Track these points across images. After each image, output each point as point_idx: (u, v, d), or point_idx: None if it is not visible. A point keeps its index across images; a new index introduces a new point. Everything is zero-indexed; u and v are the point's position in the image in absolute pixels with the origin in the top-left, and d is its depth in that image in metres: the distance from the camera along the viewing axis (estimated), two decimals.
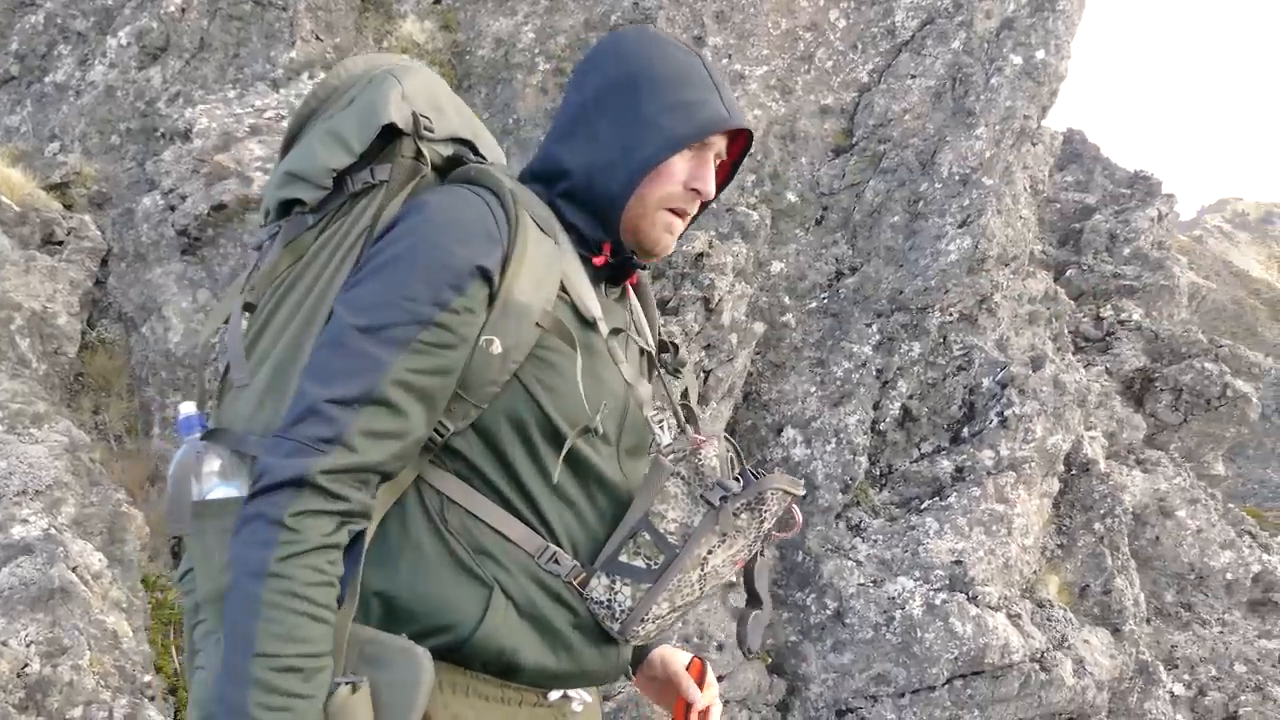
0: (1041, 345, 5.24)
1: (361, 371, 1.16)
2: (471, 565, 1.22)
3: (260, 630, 1.09)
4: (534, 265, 1.24)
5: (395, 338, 1.17)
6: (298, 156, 1.34)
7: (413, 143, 1.31)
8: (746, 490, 1.26)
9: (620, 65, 1.35)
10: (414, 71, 1.38)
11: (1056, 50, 4.97)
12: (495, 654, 1.22)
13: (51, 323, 3.92)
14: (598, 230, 1.34)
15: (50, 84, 4.90)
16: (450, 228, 1.21)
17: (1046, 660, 4.69)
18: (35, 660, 2.82)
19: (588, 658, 1.31)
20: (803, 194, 4.99)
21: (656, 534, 1.27)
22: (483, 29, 5.18)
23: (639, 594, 1.26)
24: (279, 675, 1.08)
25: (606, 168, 1.32)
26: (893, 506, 4.93)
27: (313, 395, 1.16)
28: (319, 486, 1.12)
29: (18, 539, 3.09)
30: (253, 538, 1.12)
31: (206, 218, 4.19)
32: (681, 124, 1.31)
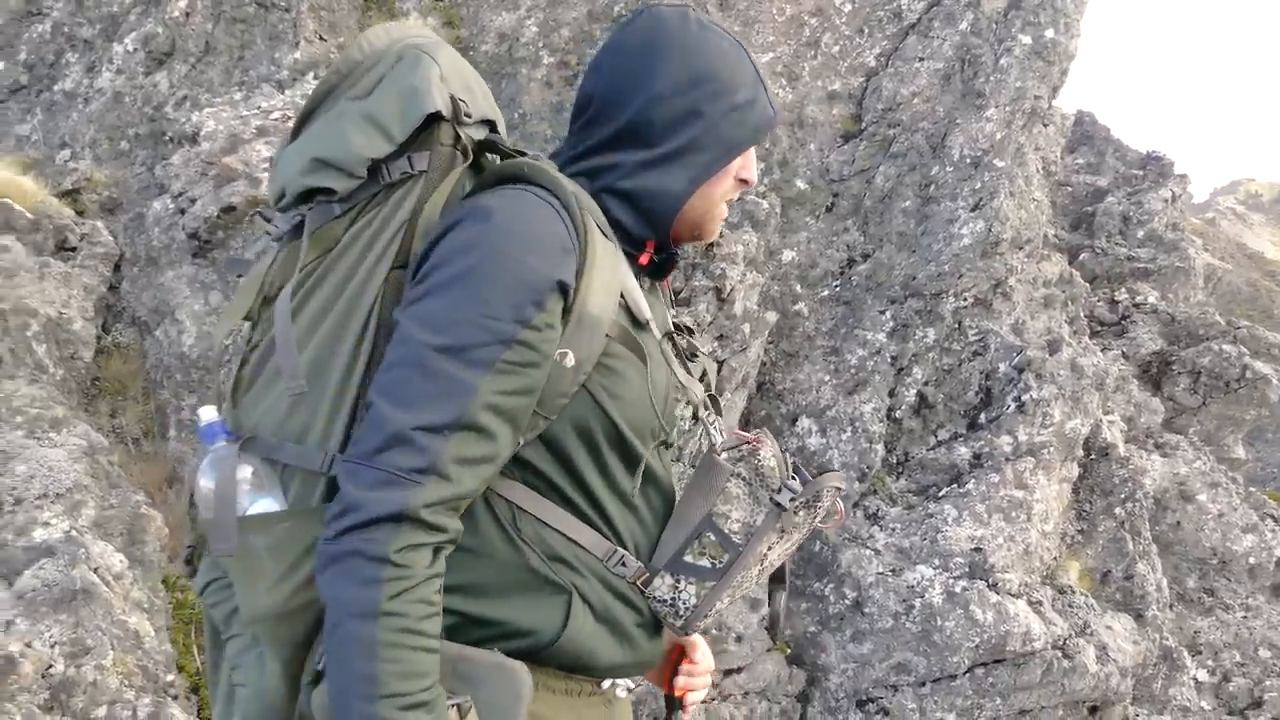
0: (1058, 329, 5.20)
1: (448, 396, 1.10)
2: (548, 573, 1.22)
3: (383, 671, 1.06)
4: (603, 274, 1.20)
5: (480, 359, 1.11)
6: (329, 142, 1.23)
7: (451, 129, 1.25)
8: (807, 489, 1.29)
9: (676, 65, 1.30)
10: (442, 49, 1.31)
11: (1066, 29, 4.92)
12: (574, 657, 1.24)
13: (67, 328, 3.94)
14: (644, 228, 1.32)
15: (59, 92, 4.93)
16: (525, 239, 1.15)
17: (1069, 647, 4.65)
18: (59, 661, 2.84)
19: (646, 651, 1.34)
20: (812, 181, 4.97)
21: (721, 534, 1.29)
22: (485, 24, 5.17)
23: (704, 591, 1.29)
24: (410, 713, 1.06)
25: (665, 170, 1.30)
26: (910, 494, 4.90)
27: (398, 422, 1.10)
28: (420, 520, 1.09)
29: (40, 541, 3.10)
30: (355, 576, 1.07)
31: (216, 220, 4.20)
32: (739, 131, 1.32)
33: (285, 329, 1.20)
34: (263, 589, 1.16)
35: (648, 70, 1.31)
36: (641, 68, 1.31)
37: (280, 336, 1.20)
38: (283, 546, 1.16)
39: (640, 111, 1.30)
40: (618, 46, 1.34)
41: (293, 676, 1.20)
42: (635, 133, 1.30)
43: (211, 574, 1.26)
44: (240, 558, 1.16)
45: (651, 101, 1.30)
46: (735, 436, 1.35)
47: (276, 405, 1.21)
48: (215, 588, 1.26)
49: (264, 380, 1.24)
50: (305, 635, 1.19)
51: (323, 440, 1.18)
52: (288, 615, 1.17)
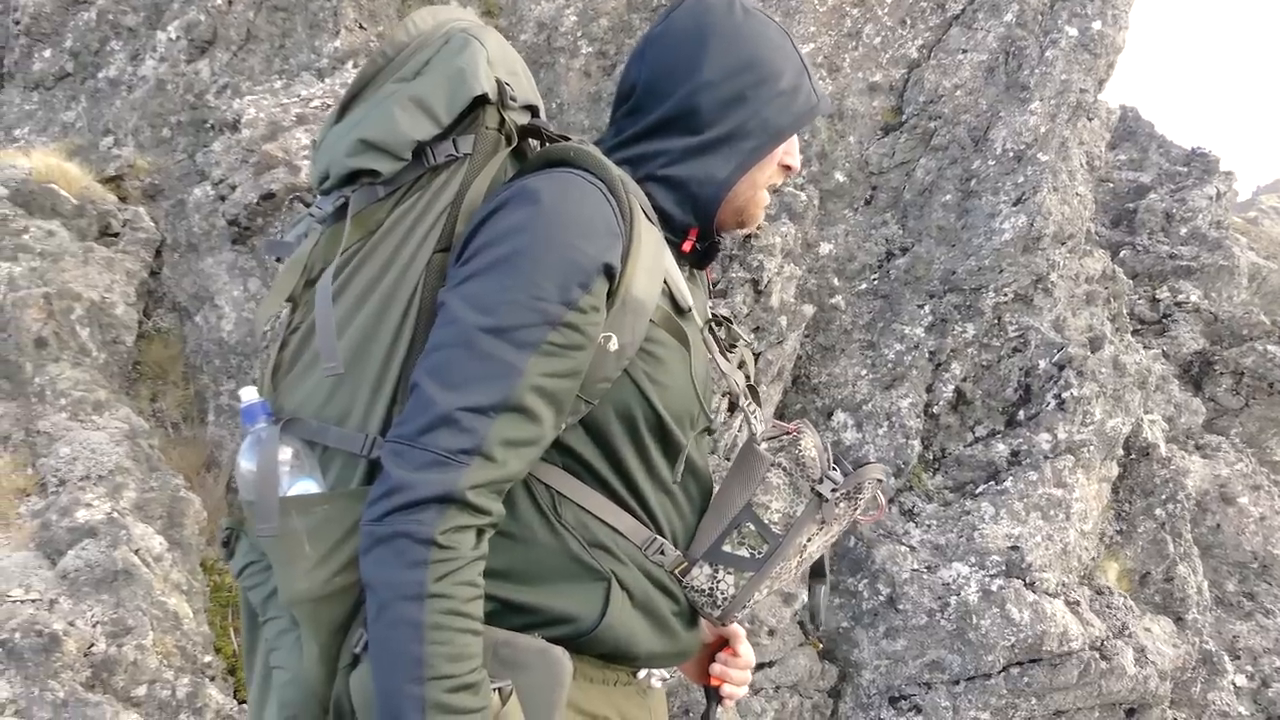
0: (1100, 326, 5.11)
1: (495, 377, 1.10)
2: (588, 559, 1.21)
3: (430, 653, 1.05)
4: (649, 258, 1.20)
5: (526, 340, 1.10)
6: (376, 124, 1.22)
7: (497, 113, 1.25)
8: (848, 480, 1.28)
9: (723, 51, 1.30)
10: (489, 33, 1.31)
11: (1114, 20, 4.83)
12: (613, 645, 1.23)
13: (110, 312, 3.98)
14: (689, 215, 1.32)
15: (103, 79, 4.98)
16: (573, 221, 1.14)
17: (1107, 649, 4.58)
18: (101, 640, 2.87)
19: (685, 640, 1.33)
20: (851, 174, 4.91)
21: (761, 524, 1.28)
22: (525, 13, 5.16)
23: (742, 582, 1.28)
24: (457, 695, 1.06)
25: (711, 157, 1.30)
26: (947, 491, 4.85)
27: (444, 402, 1.09)
28: (465, 502, 1.08)
29: (83, 522, 3.14)
30: (401, 558, 1.06)
31: (256, 207, 4.22)
32: (783, 116, 1.32)
33: (326, 311, 1.18)
34: (302, 571, 1.15)
35: (694, 57, 1.30)
36: (687, 55, 1.31)
37: (321, 319, 1.18)
38: (322, 529, 1.15)
39: (686, 98, 1.29)
40: (663, 34, 1.34)
41: (331, 659, 1.19)
42: (680, 119, 1.30)
43: (249, 557, 1.26)
44: (280, 539, 1.16)
45: (698, 88, 1.29)
46: (776, 427, 1.34)
47: (317, 388, 1.21)
48: (253, 570, 1.25)
49: (305, 363, 1.24)
50: (344, 618, 1.18)
51: (363, 423, 1.18)
52: (326, 598, 1.16)
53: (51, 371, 3.71)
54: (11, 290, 3.77)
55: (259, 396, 1.23)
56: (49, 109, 5.02)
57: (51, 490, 3.33)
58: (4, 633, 2.74)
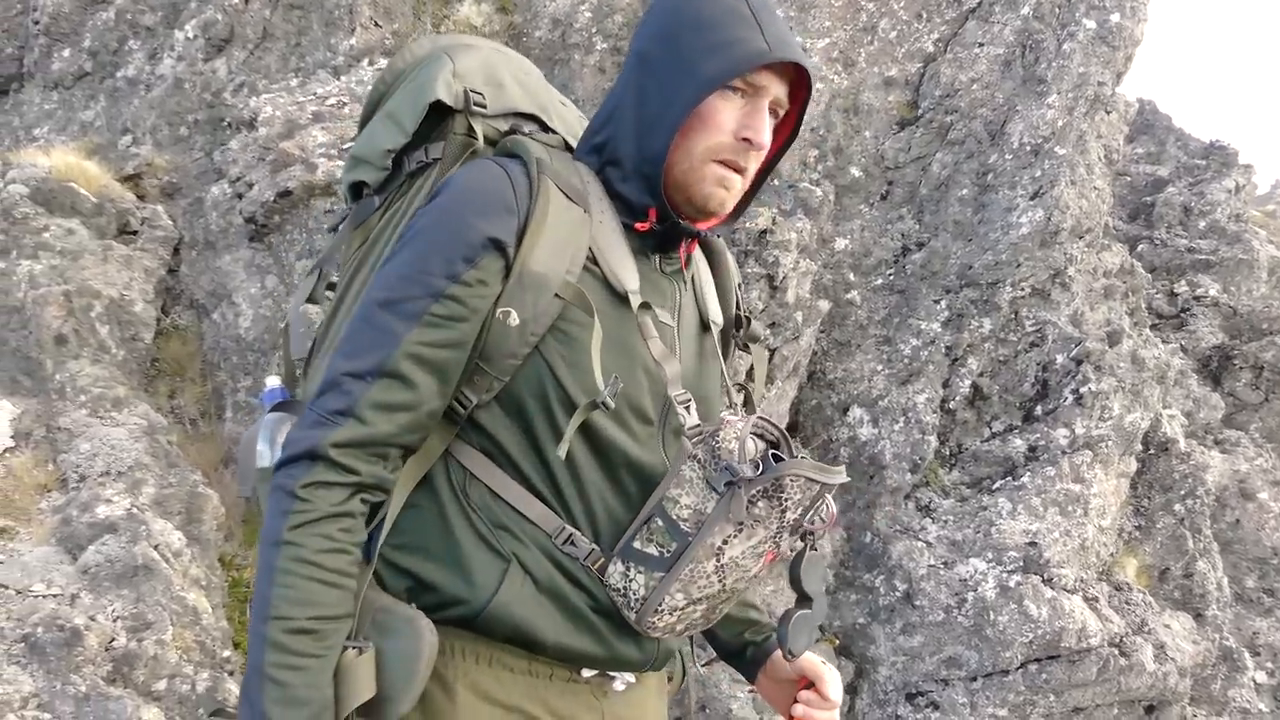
0: (1118, 320, 5.07)
1: (377, 345, 1.17)
2: (490, 538, 1.21)
3: (275, 595, 1.11)
4: (554, 234, 1.21)
5: (409, 311, 1.17)
6: (361, 141, 1.39)
7: (464, 119, 1.32)
8: (762, 476, 1.15)
9: (661, 18, 1.29)
10: (472, 49, 1.38)
11: (1132, 13, 4.79)
12: (511, 627, 1.20)
13: (129, 310, 4.01)
14: (643, 195, 1.28)
15: (122, 79, 5.01)
16: (469, 200, 1.21)
17: (1126, 645, 4.55)
18: (122, 634, 2.89)
19: (617, 644, 1.26)
20: (867, 168, 4.89)
21: (669, 520, 1.20)
22: (539, 10, 5.16)
23: (652, 583, 1.20)
24: (291, 637, 1.11)
25: (649, 126, 1.26)
26: (963, 486, 4.83)
27: (335, 368, 1.18)
28: (329, 459, 1.14)
29: (103, 518, 3.16)
30: (274, 508, 1.15)
31: (273, 205, 4.23)
32: (717, 62, 1.21)
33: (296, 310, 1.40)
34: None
35: (638, 36, 1.33)
36: (635, 37, 1.34)
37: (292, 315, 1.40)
38: None
39: (625, 74, 1.32)
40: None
41: None
42: (625, 98, 1.31)
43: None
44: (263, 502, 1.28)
45: (633, 61, 1.31)
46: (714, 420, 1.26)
47: (315, 375, 1.34)
48: None
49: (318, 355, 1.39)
50: None
51: None
52: None
53: (72, 368, 3.74)
54: (32, 288, 3.80)
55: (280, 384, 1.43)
56: (68, 108, 5.06)
57: (72, 486, 3.36)
58: (27, 627, 2.76)
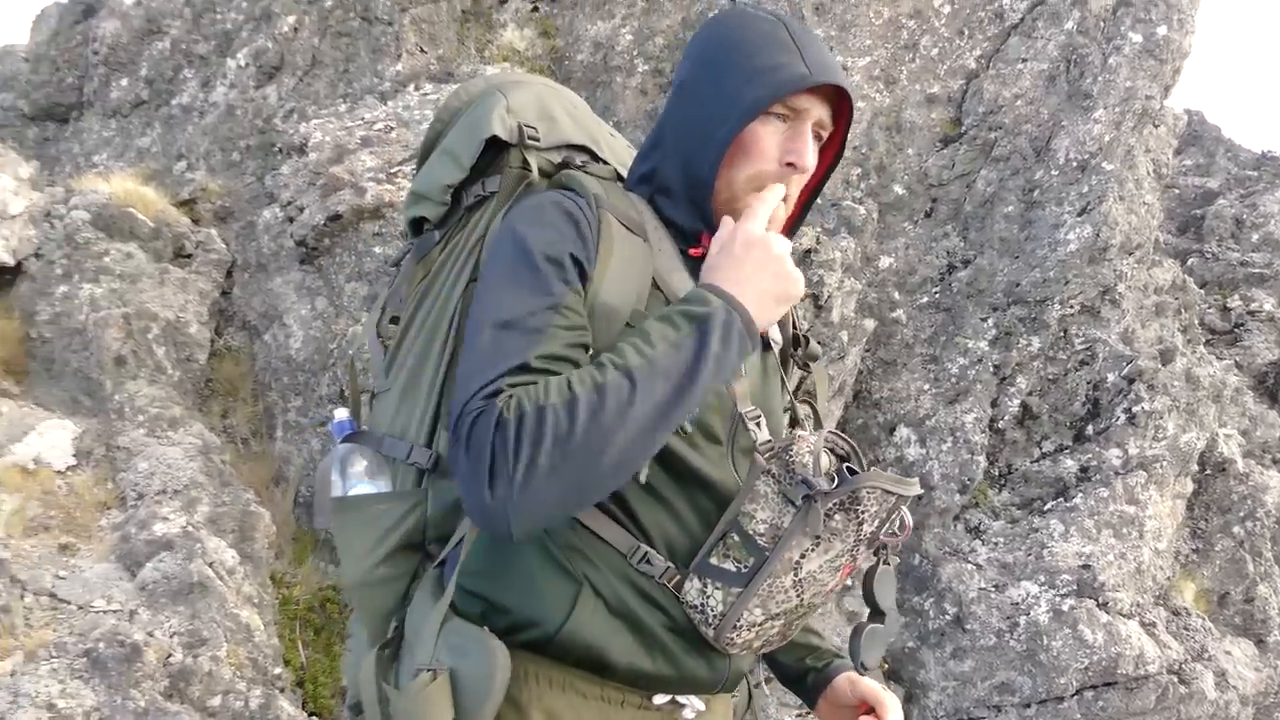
0: (1170, 338, 4.98)
1: (513, 354, 1.15)
2: (561, 561, 1.21)
3: (642, 406, 1.10)
4: (620, 265, 1.23)
5: (534, 325, 1.17)
6: (420, 177, 1.43)
7: (519, 153, 1.35)
8: (838, 489, 1.15)
9: (703, 47, 1.32)
10: (525, 85, 1.43)
11: (1180, 25, 4.73)
12: (584, 649, 1.20)
13: (184, 331, 4.10)
14: (695, 221, 1.31)
15: (177, 106, 5.15)
16: (548, 225, 1.23)
17: (1185, 672, 4.44)
18: (178, 650, 2.94)
19: (688, 664, 1.26)
20: (910, 186, 4.87)
21: (745, 536, 1.19)
22: (581, 33, 5.22)
23: (730, 599, 1.19)
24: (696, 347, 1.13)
25: (694, 152, 1.29)
26: (1013, 508, 4.75)
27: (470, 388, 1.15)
28: (527, 368, 1.13)
29: (160, 535, 3.22)
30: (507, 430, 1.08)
31: (323, 228, 4.31)
32: (759, 88, 1.23)
33: (374, 342, 1.43)
34: (353, 561, 1.27)
35: (681, 65, 1.36)
36: (679, 66, 1.37)
37: (371, 348, 1.44)
38: (369, 524, 1.27)
39: (670, 103, 1.35)
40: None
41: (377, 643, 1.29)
42: (670, 126, 1.34)
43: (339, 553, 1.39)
44: (337, 533, 1.29)
45: (677, 91, 1.34)
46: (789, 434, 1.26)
47: (387, 406, 1.37)
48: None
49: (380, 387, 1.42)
50: (391, 606, 1.29)
51: (416, 434, 1.32)
52: (373, 586, 1.27)
53: (130, 389, 3.83)
54: (94, 310, 3.90)
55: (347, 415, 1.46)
56: (125, 135, 5.20)
57: (130, 504, 3.43)
58: (89, 642, 2.81)
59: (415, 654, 1.20)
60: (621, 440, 1.09)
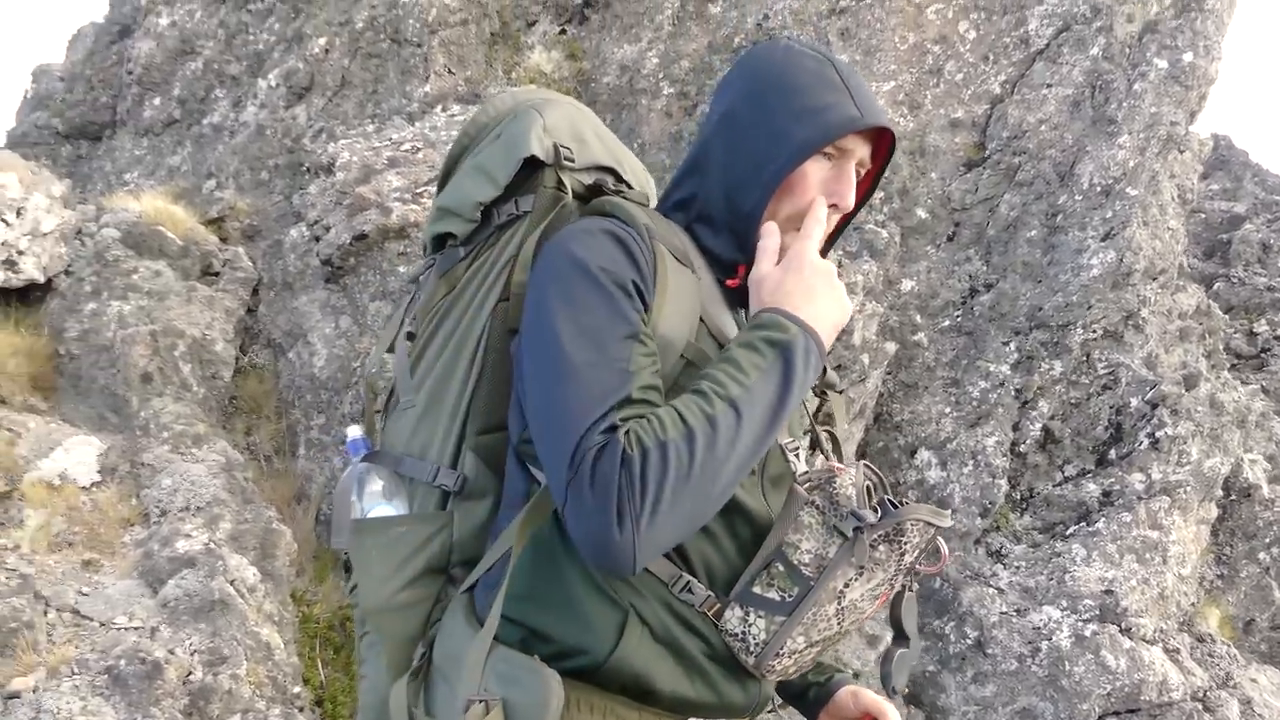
0: (1194, 363, 4.94)
1: (611, 389, 1.12)
2: (607, 589, 1.21)
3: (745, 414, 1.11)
4: (675, 297, 1.23)
5: (619, 355, 1.14)
6: (449, 192, 1.40)
7: (554, 173, 1.35)
8: (884, 521, 1.18)
9: (749, 80, 1.33)
10: (556, 105, 1.42)
11: (1206, 52, 4.71)
12: (631, 678, 1.21)
13: (210, 349, 4.15)
14: (735, 252, 1.32)
15: (208, 125, 5.23)
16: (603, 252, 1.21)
17: (1210, 700, 4.38)
18: (199, 668, 2.96)
19: (726, 690, 1.27)
20: (933, 210, 4.86)
21: (790, 565, 1.21)
22: (607, 56, 5.26)
23: (773, 627, 1.21)
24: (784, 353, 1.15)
25: (741, 185, 1.29)
26: (1035, 532, 4.71)
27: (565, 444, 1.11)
28: (631, 400, 1.11)
29: (182, 552, 3.26)
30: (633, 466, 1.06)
31: (349, 247, 4.36)
32: (809, 130, 1.26)
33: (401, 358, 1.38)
34: (373, 585, 1.27)
35: (723, 95, 1.36)
36: (719, 95, 1.37)
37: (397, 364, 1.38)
38: (391, 547, 1.27)
39: (715, 132, 1.34)
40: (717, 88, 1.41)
41: (400, 669, 1.28)
42: (713, 156, 1.33)
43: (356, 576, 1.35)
44: (356, 556, 1.28)
45: (722, 121, 1.34)
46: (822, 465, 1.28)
47: (405, 424, 1.35)
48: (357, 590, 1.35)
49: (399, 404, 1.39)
50: (413, 631, 1.28)
51: (439, 454, 1.29)
52: (394, 611, 1.27)
53: (155, 406, 3.87)
54: (121, 328, 3.96)
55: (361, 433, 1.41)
56: (157, 154, 5.29)
57: (154, 521, 3.47)
58: (110, 659, 2.84)
59: (454, 683, 1.20)
60: (731, 469, 1.11)
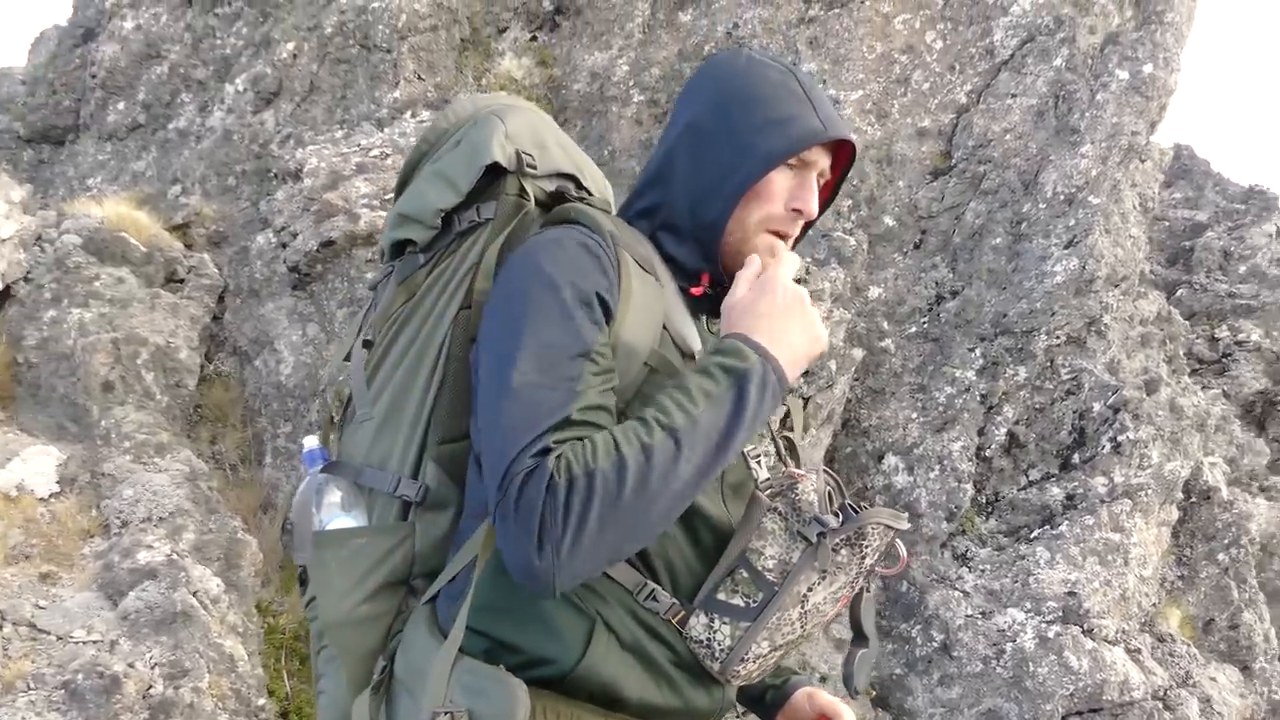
0: (1155, 368, 5.02)
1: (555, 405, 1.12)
2: (573, 598, 1.21)
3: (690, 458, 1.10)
4: (639, 305, 1.23)
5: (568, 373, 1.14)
6: (409, 198, 1.38)
7: (516, 180, 1.34)
8: (846, 525, 1.20)
9: (713, 90, 1.34)
10: (517, 110, 1.41)
11: (1165, 63, 4.79)
12: (598, 686, 1.21)
13: (174, 357, 4.11)
14: (698, 260, 1.33)
15: (173, 130, 5.17)
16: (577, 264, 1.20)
17: (1170, 698, 4.45)
18: (159, 682, 2.93)
19: (692, 696, 1.28)
20: (900, 218, 4.91)
21: (754, 571, 1.22)
22: (578, 63, 5.27)
23: (738, 633, 1.22)
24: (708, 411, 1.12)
25: (704, 195, 1.30)
26: (1000, 535, 4.77)
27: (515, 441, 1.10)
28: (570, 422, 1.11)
29: (144, 564, 3.22)
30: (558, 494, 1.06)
31: (316, 254, 4.34)
32: (774, 141, 1.27)
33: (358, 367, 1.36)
34: (333, 599, 1.24)
35: (688, 103, 1.36)
36: (682, 104, 1.37)
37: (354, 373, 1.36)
38: (351, 560, 1.24)
39: (678, 141, 1.35)
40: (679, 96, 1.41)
41: (361, 684, 1.26)
42: (676, 165, 1.34)
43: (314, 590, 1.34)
44: (314, 569, 1.26)
45: (686, 130, 1.34)
46: (782, 472, 1.30)
47: (364, 435, 1.32)
48: (315, 603, 1.33)
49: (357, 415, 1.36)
50: (373, 646, 1.26)
51: (399, 465, 1.27)
52: (354, 625, 1.25)
53: (117, 415, 3.83)
54: (82, 336, 3.91)
55: (318, 443, 1.38)
56: (121, 159, 5.23)
57: (114, 532, 3.43)
58: (67, 674, 2.81)
59: (418, 696, 1.19)
60: (665, 501, 1.10)
